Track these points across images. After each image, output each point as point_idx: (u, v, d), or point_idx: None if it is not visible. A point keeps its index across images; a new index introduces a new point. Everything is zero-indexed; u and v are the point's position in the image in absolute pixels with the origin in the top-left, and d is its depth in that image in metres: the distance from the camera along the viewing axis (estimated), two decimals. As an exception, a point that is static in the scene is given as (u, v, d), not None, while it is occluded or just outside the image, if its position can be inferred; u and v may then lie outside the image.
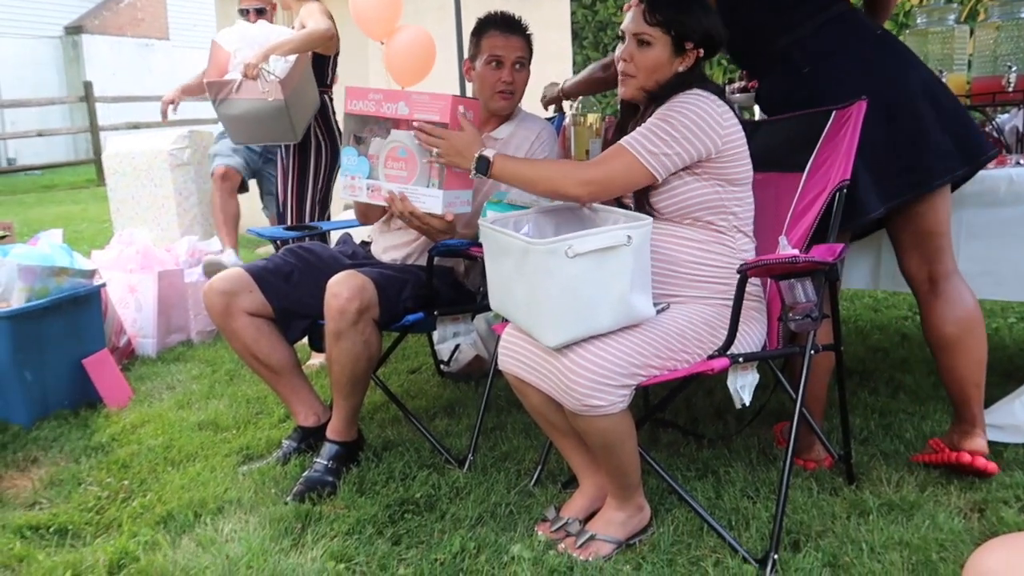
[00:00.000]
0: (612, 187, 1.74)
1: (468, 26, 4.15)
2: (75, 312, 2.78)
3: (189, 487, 2.11)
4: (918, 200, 1.93)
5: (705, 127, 1.71)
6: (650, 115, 1.76)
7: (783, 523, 1.69)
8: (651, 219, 1.66)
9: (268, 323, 2.20)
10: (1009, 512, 1.80)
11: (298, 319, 2.21)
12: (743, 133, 1.77)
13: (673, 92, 1.77)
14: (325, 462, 2.10)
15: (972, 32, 2.52)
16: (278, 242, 2.43)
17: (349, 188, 2.11)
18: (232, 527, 1.90)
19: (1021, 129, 2.21)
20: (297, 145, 3.14)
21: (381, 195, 2.06)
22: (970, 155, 1.91)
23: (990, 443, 2.00)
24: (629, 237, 1.58)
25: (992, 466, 1.94)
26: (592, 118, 2.41)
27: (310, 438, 2.26)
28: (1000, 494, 1.88)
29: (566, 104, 2.69)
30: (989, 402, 2.26)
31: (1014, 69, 2.23)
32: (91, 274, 2.86)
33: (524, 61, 2.26)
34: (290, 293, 2.19)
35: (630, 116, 1.90)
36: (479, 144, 1.86)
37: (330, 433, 2.15)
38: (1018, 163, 2.04)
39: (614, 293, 1.59)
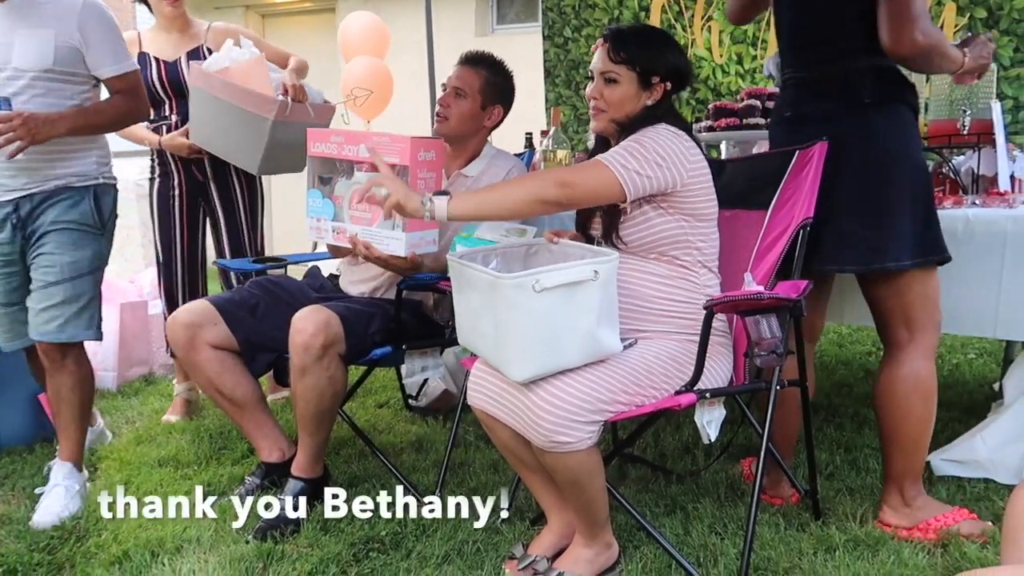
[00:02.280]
0: (585, 192, 1.71)
1: (440, 62, 4.23)
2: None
3: (146, 526, 2.04)
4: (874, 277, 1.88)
5: (673, 158, 1.73)
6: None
7: (751, 559, 1.69)
8: (617, 254, 1.67)
9: (233, 356, 2.16)
10: (971, 548, 1.81)
11: (263, 352, 2.18)
12: (708, 169, 1.80)
13: (643, 124, 1.80)
14: (291, 499, 2.05)
15: (928, 77, 2.60)
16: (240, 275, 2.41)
17: (315, 230, 2.12)
18: (190, 567, 1.84)
19: (976, 171, 2.28)
20: (255, 179, 2.90)
21: (345, 237, 2.06)
22: (926, 250, 1.85)
23: (954, 478, 2.03)
24: (596, 272, 1.59)
25: None
26: (562, 154, 2.44)
27: (274, 474, 2.21)
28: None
29: (536, 140, 2.72)
30: (951, 437, 2.30)
31: (968, 113, 2.30)
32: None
33: (463, 92, 2.27)
34: (255, 326, 2.17)
35: (602, 149, 1.92)
36: (425, 196, 1.71)
37: (295, 469, 2.11)
38: (974, 203, 2.10)
39: (581, 327, 1.59)
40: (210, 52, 2.71)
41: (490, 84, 2.28)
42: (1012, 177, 2.16)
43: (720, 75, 3.99)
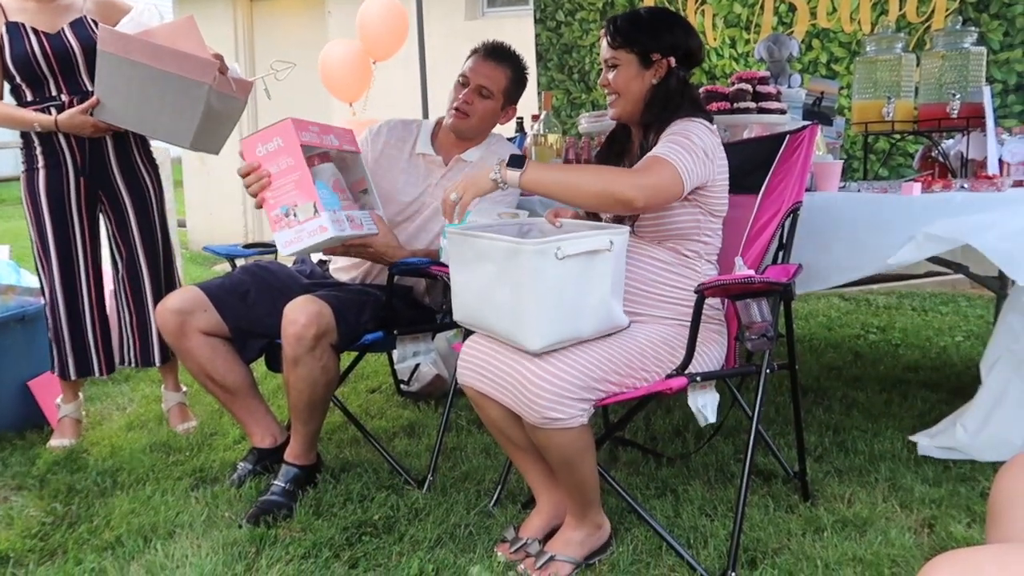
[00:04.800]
0: (660, 196, 1.67)
1: (430, 46, 4.19)
2: (21, 331, 2.70)
3: (139, 512, 2.05)
4: None
5: (711, 154, 1.75)
6: (652, 142, 1.78)
7: (740, 541, 1.71)
8: (627, 227, 1.70)
9: (224, 343, 2.15)
10: (958, 528, 1.84)
11: (254, 339, 2.17)
12: (727, 167, 1.81)
13: (660, 110, 1.80)
14: (283, 484, 2.06)
15: (919, 61, 2.61)
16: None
17: (337, 223, 1.93)
18: (183, 552, 1.85)
19: (966, 155, 2.29)
20: (157, 165, 2.66)
21: (356, 224, 2.01)
22: None
23: (939, 461, 2.06)
24: (611, 242, 1.62)
25: None
26: (553, 138, 2.44)
27: (266, 460, 2.21)
28: (949, 510, 1.93)
29: (527, 124, 2.71)
30: (938, 418, 2.32)
31: (958, 97, 2.31)
32: (39, 292, 2.78)
33: (488, 91, 2.24)
34: (246, 312, 2.15)
35: (622, 137, 1.95)
36: (491, 169, 1.72)
37: (288, 456, 2.11)
38: (962, 187, 2.11)
39: (595, 297, 1.61)
40: (95, 24, 2.43)
41: (512, 83, 2.27)
42: (1000, 161, 2.17)
43: (714, 58, 3.99)
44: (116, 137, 2.50)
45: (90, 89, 2.40)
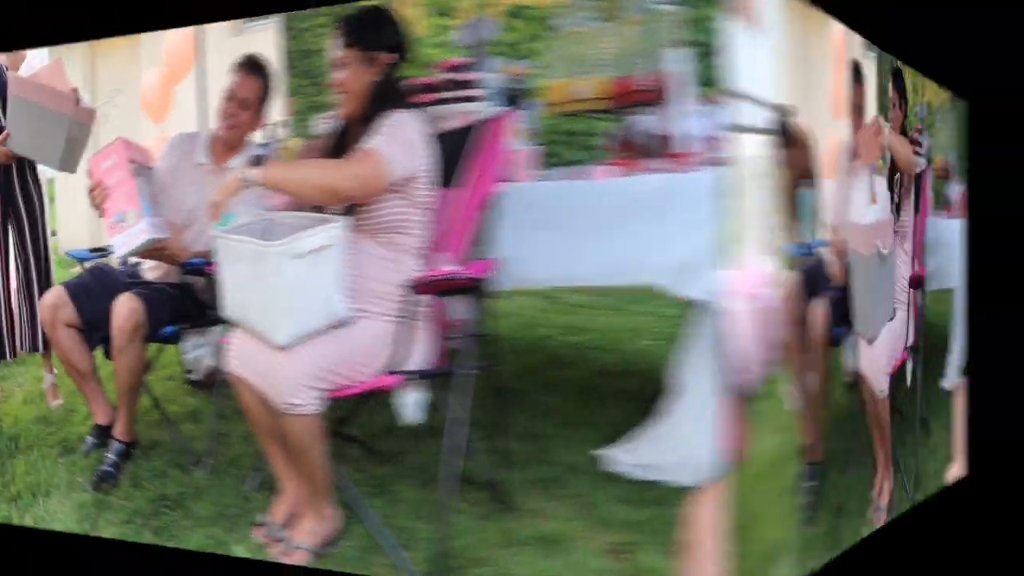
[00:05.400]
0: (367, 186, 1.81)
1: (209, 65, 4.15)
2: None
3: (30, 472, 2.51)
4: None
5: (418, 145, 1.84)
6: (363, 133, 1.88)
7: (446, 547, 1.81)
8: (341, 220, 1.81)
9: (79, 333, 2.53)
10: (655, 557, 1.76)
11: (96, 331, 2.52)
12: (432, 159, 1.89)
13: (378, 106, 1.90)
14: (113, 457, 2.45)
15: (615, 31, 2.27)
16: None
17: (154, 226, 2.30)
18: (55, 508, 2.31)
19: (654, 132, 2.05)
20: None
21: (161, 229, 2.33)
22: None
23: (637, 483, 1.94)
24: (337, 236, 1.76)
25: None
26: (293, 143, 2.59)
27: (105, 436, 2.57)
28: (646, 535, 1.83)
29: (275, 130, 2.80)
30: (630, 430, 2.11)
31: (644, 65, 2.08)
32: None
33: (248, 102, 2.43)
34: (91, 308, 2.51)
35: (341, 134, 2.00)
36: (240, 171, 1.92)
37: (117, 433, 2.49)
38: (652, 169, 1.96)
39: (325, 291, 1.76)
40: (5, 68, 2.88)
41: (267, 92, 2.47)
42: (692, 136, 1.94)
43: (423, 48, 3.67)
44: (18, 162, 2.95)
45: (3, 124, 2.86)
